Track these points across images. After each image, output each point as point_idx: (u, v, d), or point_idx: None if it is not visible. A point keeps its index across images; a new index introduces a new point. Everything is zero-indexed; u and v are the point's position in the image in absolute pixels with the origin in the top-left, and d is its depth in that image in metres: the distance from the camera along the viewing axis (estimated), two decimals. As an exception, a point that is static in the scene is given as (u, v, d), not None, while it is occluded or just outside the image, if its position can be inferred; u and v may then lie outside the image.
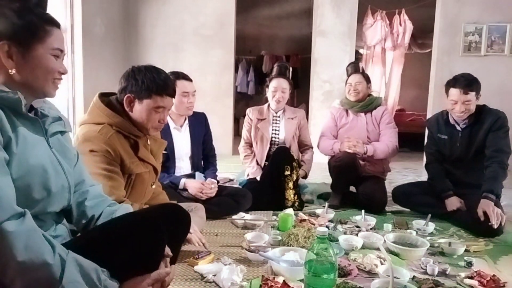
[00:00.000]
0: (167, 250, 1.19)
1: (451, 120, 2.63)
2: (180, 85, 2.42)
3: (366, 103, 2.99)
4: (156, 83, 1.59)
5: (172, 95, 1.67)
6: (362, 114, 3.01)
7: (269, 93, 3.01)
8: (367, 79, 3.04)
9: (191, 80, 2.51)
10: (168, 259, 1.21)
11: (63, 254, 0.95)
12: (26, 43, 1.04)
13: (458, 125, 2.60)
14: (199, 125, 2.70)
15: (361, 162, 2.88)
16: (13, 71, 1.03)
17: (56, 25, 1.10)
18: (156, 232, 1.12)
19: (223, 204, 2.55)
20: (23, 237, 0.90)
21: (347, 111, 3.08)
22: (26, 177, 0.99)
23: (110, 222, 1.19)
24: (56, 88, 1.13)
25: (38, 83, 1.07)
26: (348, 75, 3.08)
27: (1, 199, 0.90)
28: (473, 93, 2.46)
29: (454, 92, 2.49)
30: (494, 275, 1.70)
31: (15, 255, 0.88)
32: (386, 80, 5.71)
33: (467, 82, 2.46)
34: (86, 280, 0.96)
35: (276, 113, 3.06)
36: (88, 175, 1.31)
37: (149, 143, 1.75)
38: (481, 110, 2.54)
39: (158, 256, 1.15)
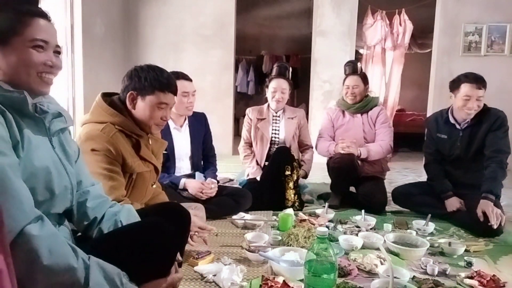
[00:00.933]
0: (178, 256, 1.22)
1: (451, 120, 2.62)
2: (180, 85, 2.41)
3: (363, 104, 2.99)
4: (159, 80, 1.62)
5: (175, 92, 1.69)
6: (359, 115, 3.01)
7: (268, 93, 3.01)
8: (365, 81, 3.01)
9: (191, 80, 2.51)
10: (177, 263, 1.22)
11: (86, 258, 0.96)
12: (4, 38, 0.99)
13: (459, 124, 2.59)
14: (199, 125, 2.70)
15: (359, 163, 2.88)
16: None
17: (38, 14, 1.03)
18: (168, 240, 1.14)
19: (223, 204, 2.55)
20: (47, 241, 0.90)
21: (343, 112, 3.07)
22: (30, 179, 0.98)
23: (122, 230, 1.19)
24: (45, 83, 1.05)
25: (21, 79, 1.01)
26: (346, 75, 3.04)
27: (22, 202, 0.89)
28: (483, 90, 2.45)
29: (467, 87, 2.44)
30: (494, 275, 1.70)
31: (41, 259, 0.87)
32: (386, 80, 5.70)
33: (477, 78, 2.46)
34: (110, 284, 0.96)
35: (276, 113, 3.06)
36: (87, 173, 1.30)
37: (150, 143, 1.75)
38: (481, 109, 2.53)
39: (170, 262, 1.17)
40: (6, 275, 0.62)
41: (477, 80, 2.44)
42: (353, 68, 3.05)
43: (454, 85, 2.54)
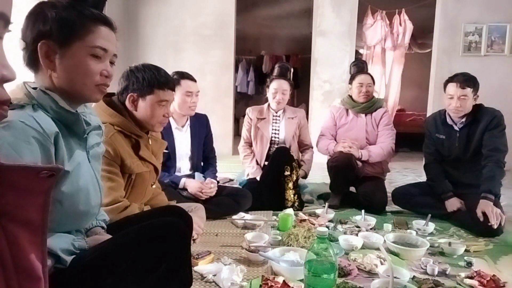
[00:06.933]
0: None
1: (448, 120, 2.63)
2: (184, 84, 2.44)
3: (369, 105, 2.98)
4: (156, 78, 1.63)
5: (173, 88, 1.72)
6: (363, 115, 3.00)
7: (269, 94, 3.01)
8: (374, 80, 3.03)
9: (195, 81, 2.52)
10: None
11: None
12: (64, 41, 0.96)
13: (456, 124, 2.60)
14: (200, 126, 2.70)
15: (359, 163, 2.88)
16: (53, 73, 0.96)
17: (101, 21, 1.00)
18: (183, 238, 1.17)
19: (223, 204, 2.55)
20: None
21: (347, 110, 3.07)
22: (74, 196, 0.99)
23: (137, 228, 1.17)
24: (100, 92, 1.03)
25: (76, 87, 0.99)
26: (355, 74, 3.02)
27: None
28: (470, 89, 2.47)
29: (451, 86, 2.51)
30: (494, 275, 1.70)
31: None
32: (386, 80, 5.70)
33: (465, 78, 2.49)
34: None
35: (276, 112, 3.06)
36: None
37: (150, 143, 1.75)
38: (478, 109, 2.55)
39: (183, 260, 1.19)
40: (42, 284, 0.64)
41: (463, 81, 2.47)
42: (363, 67, 3.05)
43: (445, 84, 2.60)
